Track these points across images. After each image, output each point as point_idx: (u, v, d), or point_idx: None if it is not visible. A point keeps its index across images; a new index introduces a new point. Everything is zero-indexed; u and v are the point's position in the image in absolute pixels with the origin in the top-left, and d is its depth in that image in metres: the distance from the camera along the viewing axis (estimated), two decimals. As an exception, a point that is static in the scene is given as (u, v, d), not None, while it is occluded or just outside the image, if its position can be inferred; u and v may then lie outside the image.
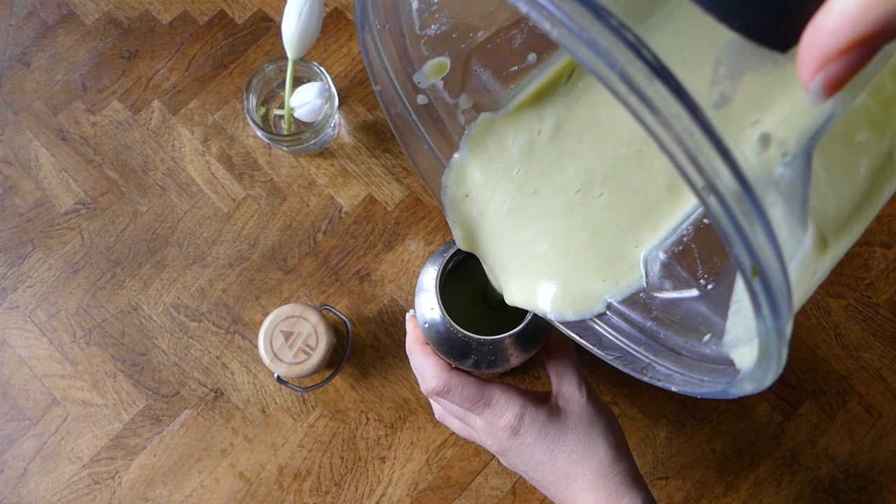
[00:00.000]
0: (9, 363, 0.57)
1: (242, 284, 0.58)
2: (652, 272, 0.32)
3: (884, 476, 0.54)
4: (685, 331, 0.31)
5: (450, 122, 0.35)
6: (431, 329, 0.44)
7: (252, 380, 0.56)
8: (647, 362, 0.31)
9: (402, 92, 0.34)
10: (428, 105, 0.34)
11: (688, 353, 0.30)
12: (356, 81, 0.62)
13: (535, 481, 0.43)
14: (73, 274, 0.58)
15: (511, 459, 0.43)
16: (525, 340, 0.43)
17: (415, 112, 0.35)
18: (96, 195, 0.60)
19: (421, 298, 0.44)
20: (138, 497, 0.55)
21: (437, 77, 0.33)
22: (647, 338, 0.32)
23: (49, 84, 0.62)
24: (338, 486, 0.55)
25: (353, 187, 0.60)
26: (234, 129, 0.61)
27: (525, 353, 0.44)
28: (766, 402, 0.55)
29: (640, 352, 0.32)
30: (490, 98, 0.33)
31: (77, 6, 0.64)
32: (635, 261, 0.33)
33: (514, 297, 0.37)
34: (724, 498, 0.54)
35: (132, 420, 0.56)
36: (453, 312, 0.42)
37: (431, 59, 0.31)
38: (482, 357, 0.43)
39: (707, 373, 0.28)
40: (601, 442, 0.41)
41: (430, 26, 0.31)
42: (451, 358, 0.44)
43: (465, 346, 0.43)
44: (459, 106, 0.34)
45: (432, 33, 0.31)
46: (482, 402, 0.42)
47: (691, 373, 0.29)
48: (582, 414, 0.42)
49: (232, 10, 0.64)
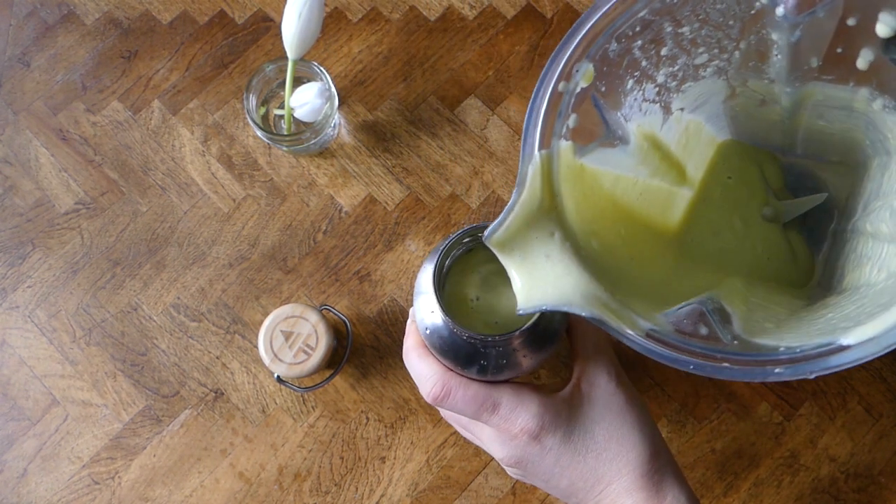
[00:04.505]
0: (9, 363, 0.57)
1: (242, 284, 0.58)
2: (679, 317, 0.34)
3: (884, 476, 0.54)
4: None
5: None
6: (433, 335, 0.40)
7: (252, 380, 0.56)
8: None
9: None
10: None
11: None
12: (356, 81, 0.62)
13: (559, 490, 0.37)
14: (73, 274, 0.58)
15: (530, 469, 0.37)
16: (537, 339, 0.38)
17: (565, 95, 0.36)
18: (96, 195, 0.60)
19: (419, 301, 0.41)
20: (138, 497, 0.55)
21: (586, 83, 0.35)
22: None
23: (49, 84, 0.62)
24: (338, 486, 0.55)
25: (353, 187, 0.60)
26: (234, 129, 0.61)
27: (538, 355, 0.39)
28: (766, 402, 0.55)
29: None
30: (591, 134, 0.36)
31: (77, 6, 0.64)
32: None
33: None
34: (724, 498, 0.54)
35: (132, 420, 0.56)
36: (455, 313, 0.38)
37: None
38: (490, 360, 0.39)
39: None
40: (635, 435, 0.35)
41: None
42: (455, 365, 0.40)
43: (470, 349, 0.38)
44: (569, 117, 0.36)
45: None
46: (489, 405, 0.36)
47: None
48: (611, 402, 0.36)
49: (232, 10, 0.64)
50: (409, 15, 0.63)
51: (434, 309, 0.38)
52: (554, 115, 0.34)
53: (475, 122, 0.61)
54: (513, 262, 0.34)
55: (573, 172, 0.36)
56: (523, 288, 0.34)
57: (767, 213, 0.48)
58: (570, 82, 0.35)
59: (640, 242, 0.42)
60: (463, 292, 0.42)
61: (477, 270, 0.42)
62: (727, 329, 0.33)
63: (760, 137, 0.49)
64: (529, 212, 0.33)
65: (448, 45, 0.62)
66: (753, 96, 0.44)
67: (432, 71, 0.62)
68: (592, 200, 0.38)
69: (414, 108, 0.61)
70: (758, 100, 0.44)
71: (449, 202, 0.59)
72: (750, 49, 0.39)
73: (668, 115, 0.43)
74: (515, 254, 0.34)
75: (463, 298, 0.42)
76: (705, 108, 0.45)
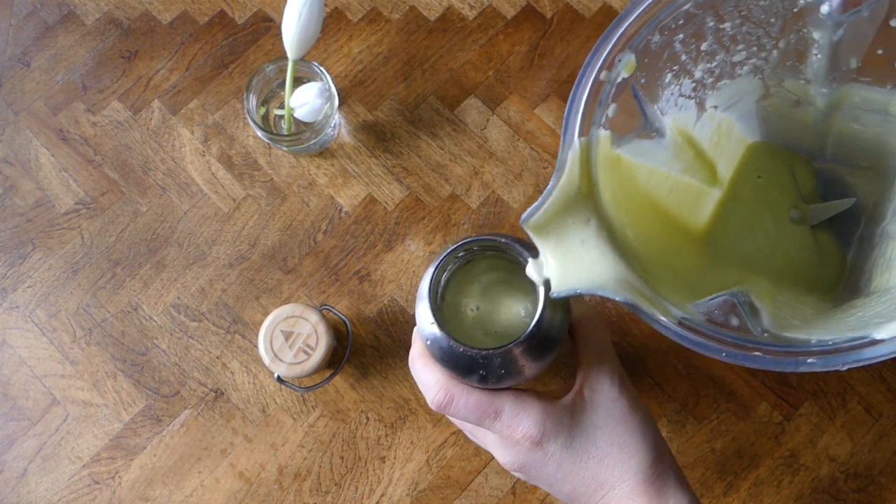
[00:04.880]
0: (9, 363, 0.57)
1: (242, 284, 0.58)
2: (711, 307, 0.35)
3: (884, 476, 0.54)
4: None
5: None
6: (434, 345, 0.39)
7: (252, 380, 0.56)
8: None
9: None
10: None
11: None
12: (356, 81, 0.62)
13: (563, 495, 0.37)
14: (73, 274, 0.58)
15: (533, 474, 0.37)
16: (537, 348, 0.38)
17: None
18: (96, 195, 0.60)
19: (420, 308, 0.40)
20: (138, 497, 0.55)
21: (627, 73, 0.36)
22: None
23: (49, 84, 0.62)
24: (338, 486, 0.55)
25: (353, 187, 0.60)
26: (234, 129, 0.61)
27: (538, 363, 0.39)
28: (766, 403, 0.55)
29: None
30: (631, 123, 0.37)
31: (77, 6, 0.64)
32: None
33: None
34: (724, 498, 0.54)
35: (132, 420, 0.56)
36: (455, 323, 0.38)
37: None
38: (490, 370, 0.38)
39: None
40: (637, 441, 0.35)
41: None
42: (456, 373, 0.40)
43: (469, 360, 0.38)
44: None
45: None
46: (491, 413, 0.37)
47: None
48: (613, 408, 0.36)
49: (232, 10, 0.64)
50: (409, 15, 0.63)
51: (433, 321, 0.38)
52: (595, 104, 0.34)
53: (475, 122, 0.61)
54: (548, 245, 0.35)
55: (610, 162, 0.36)
56: (558, 271, 0.34)
57: (794, 216, 0.48)
58: (612, 71, 0.35)
59: (670, 236, 0.42)
60: (463, 302, 0.42)
61: (477, 280, 0.43)
62: (757, 321, 0.34)
63: (791, 140, 0.49)
64: (567, 197, 0.33)
65: (448, 45, 0.62)
66: (788, 97, 0.44)
67: (432, 71, 0.62)
68: (627, 191, 0.39)
69: (414, 108, 0.61)
70: (792, 101, 0.44)
71: (449, 202, 0.59)
72: (789, 48, 0.39)
73: (702, 111, 0.43)
74: (551, 238, 0.34)
75: (462, 308, 0.42)
76: (738, 107, 0.45)
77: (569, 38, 0.63)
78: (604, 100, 0.35)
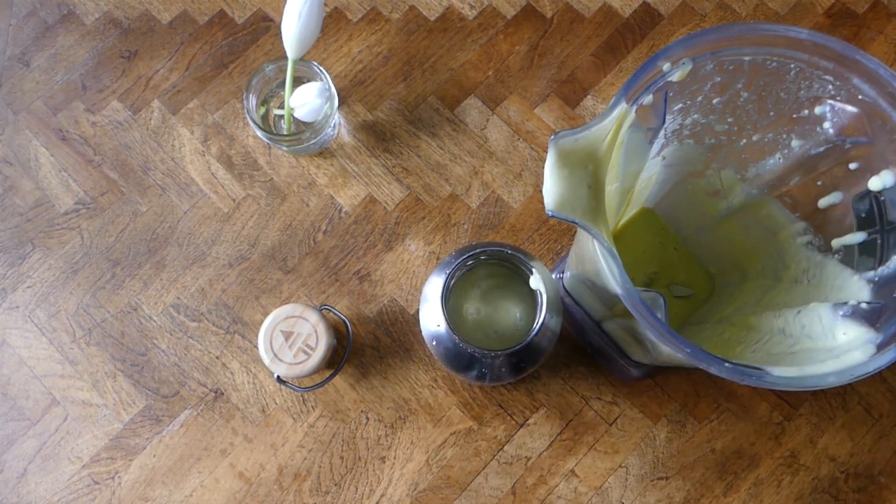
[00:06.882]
0: (9, 363, 0.57)
1: (242, 284, 0.58)
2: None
3: (884, 476, 0.54)
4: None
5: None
6: (439, 345, 0.45)
7: (252, 380, 0.56)
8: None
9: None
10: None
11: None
12: (356, 81, 0.62)
13: None
14: (73, 274, 0.58)
15: None
16: (530, 353, 0.44)
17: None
18: (96, 195, 0.60)
19: (425, 310, 0.45)
20: (138, 497, 0.55)
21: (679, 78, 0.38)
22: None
23: (49, 84, 0.62)
24: (338, 486, 0.55)
25: (353, 187, 0.60)
26: (234, 129, 0.61)
27: (536, 362, 0.45)
28: (766, 403, 0.55)
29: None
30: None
31: (77, 6, 0.64)
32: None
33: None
34: (724, 498, 0.54)
35: (132, 420, 0.56)
36: (456, 323, 0.44)
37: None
38: (488, 369, 0.44)
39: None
40: None
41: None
42: (455, 370, 0.45)
43: (471, 358, 0.44)
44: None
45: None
46: None
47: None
48: None
49: (232, 10, 0.64)
50: (409, 15, 0.63)
51: (440, 322, 0.43)
52: (643, 86, 0.37)
53: (475, 122, 0.61)
54: (559, 173, 0.37)
55: (621, 137, 0.39)
56: (557, 198, 0.37)
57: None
58: (673, 67, 0.37)
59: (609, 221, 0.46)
60: (464, 305, 0.46)
61: (477, 285, 0.46)
62: (661, 317, 0.37)
63: (677, 220, 0.54)
64: (596, 139, 0.36)
65: (448, 45, 0.62)
66: (714, 184, 0.47)
67: (432, 71, 0.62)
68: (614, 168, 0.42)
69: (414, 108, 0.61)
70: (714, 189, 0.47)
71: (449, 202, 0.59)
72: (761, 142, 0.42)
73: (656, 155, 0.46)
74: (565, 169, 0.36)
75: (464, 311, 0.46)
76: (673, 170, 0.47)
77: (569, 38, 0.63)
78: (649, 87, 0.37)
